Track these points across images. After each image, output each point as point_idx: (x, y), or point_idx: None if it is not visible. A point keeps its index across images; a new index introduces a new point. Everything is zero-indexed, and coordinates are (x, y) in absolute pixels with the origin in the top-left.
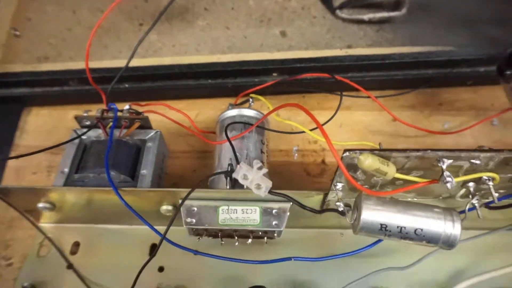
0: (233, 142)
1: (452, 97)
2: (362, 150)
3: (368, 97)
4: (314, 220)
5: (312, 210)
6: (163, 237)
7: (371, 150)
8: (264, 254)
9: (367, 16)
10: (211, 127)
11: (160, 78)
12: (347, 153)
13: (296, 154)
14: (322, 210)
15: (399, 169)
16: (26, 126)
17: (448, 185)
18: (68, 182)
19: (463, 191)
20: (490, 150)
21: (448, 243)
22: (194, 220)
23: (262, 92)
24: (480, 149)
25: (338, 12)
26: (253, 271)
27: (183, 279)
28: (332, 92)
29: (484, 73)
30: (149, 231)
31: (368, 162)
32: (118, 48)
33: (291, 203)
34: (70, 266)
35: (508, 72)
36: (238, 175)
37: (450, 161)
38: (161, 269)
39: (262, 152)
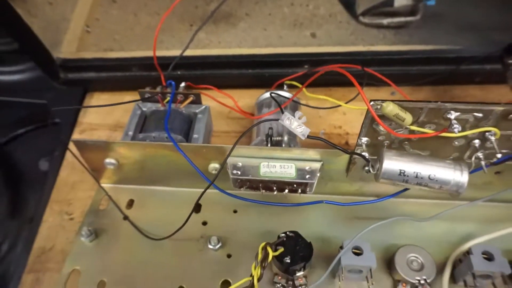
0: (270, 117)
1: (462, 93)
2: (384, 100)
3: (389, 85)
4: (339, 186)
5: (343, 150)
6: (211, 182)
7: (392, 101)
8: (296, 211)
9: (386, 21)
10: (250, 112)
11: (208, 66)
12: (372, 102)
13: (323, 137)
14: (351, 152)
15: (415, 122)
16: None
17: (455, 130)
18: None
19: (469, 151)
20: (489, 103)
21: (457, 189)
22: (239, 172)
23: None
24: (481, 102)
25: (360, 18)
26: (285, 226)
27: (224, 231)
28: (358, 81)
29: (490, 71)
30: (195, 193)
31: (390, 108)
32: (172, 44)
33: (322, 162)
34: (125, 217)
35: (509, 61)
36: (283, 120)
37: (457, 113)
38: (204, 223)
39: None
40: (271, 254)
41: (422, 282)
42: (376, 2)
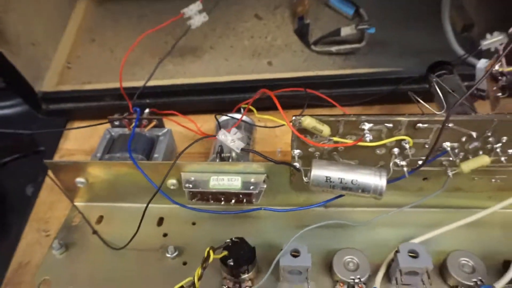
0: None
1: (407, 111)
2: (304, 115)
3: (334, 106)
4: (287, 197)
5: (272, 160)
6: (158, 189)
7: (311, 115)
8: (249, 222)
9: (334, 48)
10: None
11: (173, 94)
12: (294, 117)
13: (279, 155)
14: (281, 162)
15: (337, 134)
16: (69, 134)
17: (367, 139)
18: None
19: (392, 164)
20: (396, 114)
21: (377, 192)
22: (191, 185)
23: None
24: (389, 114)
25: (313, 46)
26: (237, 234)
27: (182, 242)
28: (304, 103)
29: (428, 89)
30: (158, 208)
31: (307, 121)
32: (143, 75)
33: (266, 175)
34: (94, 232)
35: (432, 79)
36: (219, 135)
37: (371, 124)
38: (165, 235)
39: (248, 144)
40: (212, 256)
41: (357, 280)
42: (325, 32)
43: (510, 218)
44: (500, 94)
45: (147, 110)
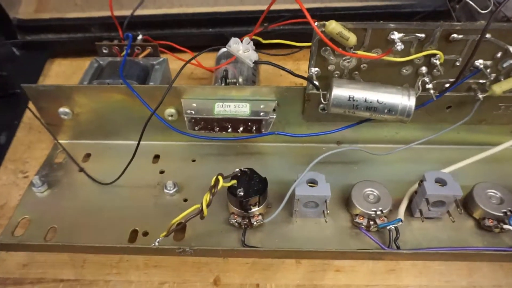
0: (227, 66)
1: None
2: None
3: None
4: (298, 131)
5: (291, 73)
6: (153, 112)
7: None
8: (255, 159)
9: None
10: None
11: (168, 25)
12: (317, 23)
13: None
14: (299, 75)
15: (361, 47)
16: (49, 72)
17: (398, 47)
18: None
19: (420, 82)
20: (430, 23)
21: (405, 113)
22: (193, 112)
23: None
24: (423, 23)
25: None
26: None
27: (181, 178)
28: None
29: None
30: (153, 145)
31: (332, 26)
32: (133, 6)
33: (276, 102)
34: (81, 169)
35: None
36: (230, 45)
37: (401, 34)
38: (161, 172)
39: (253, 74)
40: (221, 182)
41: (378, 213)
42: None
43: None
44: None
45: (140, 37)
